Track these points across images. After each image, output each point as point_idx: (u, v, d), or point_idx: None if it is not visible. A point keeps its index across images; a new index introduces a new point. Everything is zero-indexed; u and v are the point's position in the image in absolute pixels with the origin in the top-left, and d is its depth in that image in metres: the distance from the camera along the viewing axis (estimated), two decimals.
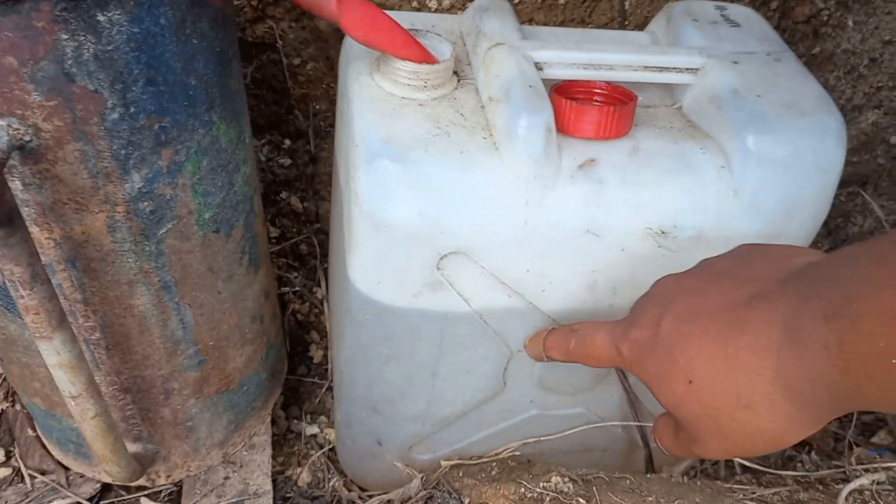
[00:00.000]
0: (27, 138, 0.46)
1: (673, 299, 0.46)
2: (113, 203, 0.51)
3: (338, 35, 0.93)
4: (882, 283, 0.32)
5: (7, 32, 0.42)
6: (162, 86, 0.49)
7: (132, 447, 0.68)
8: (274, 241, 1.02)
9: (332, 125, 1.01)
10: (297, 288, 0.99)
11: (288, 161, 1.01)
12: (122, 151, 0.49)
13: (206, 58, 0.52)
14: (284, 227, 1.02)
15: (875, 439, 0.95)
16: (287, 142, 1.01)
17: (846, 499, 0.64)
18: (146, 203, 0.53)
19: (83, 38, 0.43)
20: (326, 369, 0.96)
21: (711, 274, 0.47)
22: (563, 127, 0.59)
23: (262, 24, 0.94)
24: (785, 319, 0.38)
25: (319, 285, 1.01)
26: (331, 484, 0.83)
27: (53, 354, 0.51)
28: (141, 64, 0.47)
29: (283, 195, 1.02)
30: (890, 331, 0.31)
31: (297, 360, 0.96)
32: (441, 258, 0.59)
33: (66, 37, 0.43)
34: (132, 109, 0.48)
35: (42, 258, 0.49)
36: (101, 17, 0.43)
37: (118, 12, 0.44)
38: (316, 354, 0.97)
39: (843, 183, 1.18)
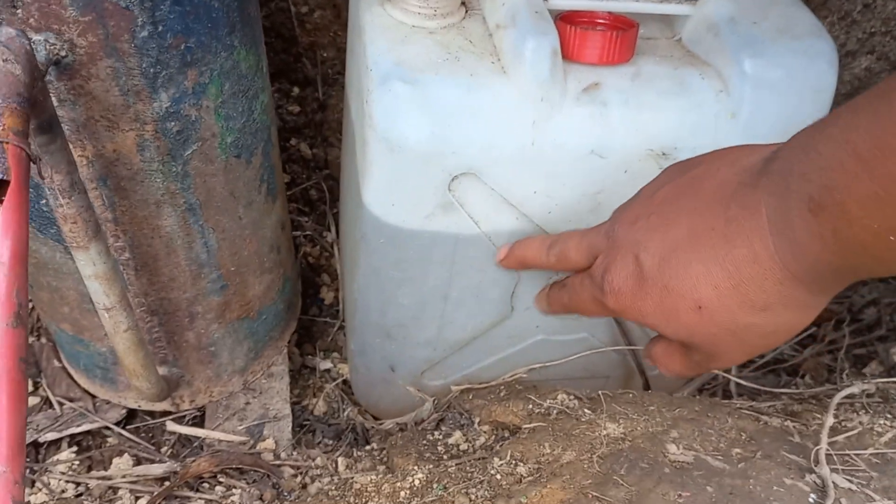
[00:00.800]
0: (63, 53, 0.48)
1: (641, 239, 0.46)
2: (142, 122, 0.54)
3: None
4: (855, 170, 0.33)
5: None
6: (188, 6, 0.51)
7: (159, 370, 0.71)
8: (285, 186, 1.04)
9: (340, 73, 1.04)
10: (307, 232, 1.02)
11: (297, 108, 1.04)
12: (151, 70, 0.52)
13: None
14: (294, 173, 1.05)
15: (866, 370, 0.99)
16: (295, 89, 1.04)
17: (837, 407, 0.68)
18: (173, 123, 0.56)
19: None
20: (337, 310, 0.99)
21: (662, 202, 0.47)
22: (567, 53, 0.61)
23: None
24: (771, 222, 0.39)
25: (329, 229, 1.04)
26: (345, 413, 0.87)
27: (89, 265, 0.54)
28: None
29: (293, 142, 1.05)
30: (878, 213, 0.33)
31: (308, 302, 0.99)
32: (452, 179, 0.62)
33: None
34: (160, 28, 0.51)
35: None
36: None
37: None
38: (327, 296, 1.01)
39: None
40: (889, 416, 0.69)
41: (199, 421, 0.79)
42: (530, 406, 0.72)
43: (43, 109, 0.46)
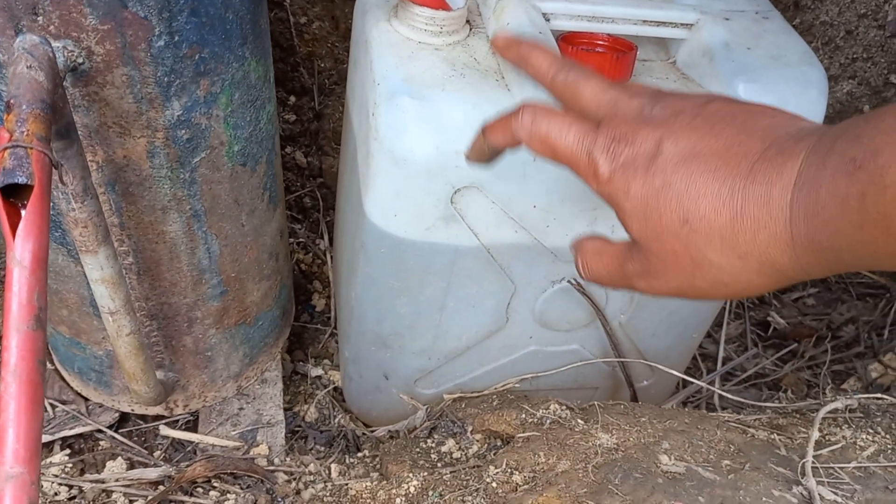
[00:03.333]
0: (80, 60, 0.49)
1: (677, 128, 0.43)
2: (154, 129, 0.55)
3: None
4: None
5: None
6: (204, 17, 0.52)
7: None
8: (284, 195, 1.05)
9: (337, 83, 1.05)
10: (301, 239, 1.03)
11: (293, 117, 1.05)
12: (165, 79, 0.53)
13: None
14: (289, 180, 1.06)
15: (845, 386, 1.01)
16: (292, 98, 1.05)
17: (821, 422, 0.70)
18: (184, 131, 0.57)
19: None
20: (329, 317, 1.00)
21: (714, 113, 0.44)
22: None
23: None
24: (800, 175, 0.38)
25: (322, 237, 1.04)
26: (336, 420, 0.87)
27: (97, 269, 0.55)
28: None
29: (288, 150, 1.06)
30: None
31: (300, 309, 1.00)
32: (455, 192, 0.63)
33: None
34: (176, 38, 0.52)
35: None
36: None
37: None
38: (318, 303, 1.01)
39: None
40: (871, 430, 0.71)
41: (192, 425, 0.79)
42: (523, 415, 0.73)
43: (62, 115, 0.46)
